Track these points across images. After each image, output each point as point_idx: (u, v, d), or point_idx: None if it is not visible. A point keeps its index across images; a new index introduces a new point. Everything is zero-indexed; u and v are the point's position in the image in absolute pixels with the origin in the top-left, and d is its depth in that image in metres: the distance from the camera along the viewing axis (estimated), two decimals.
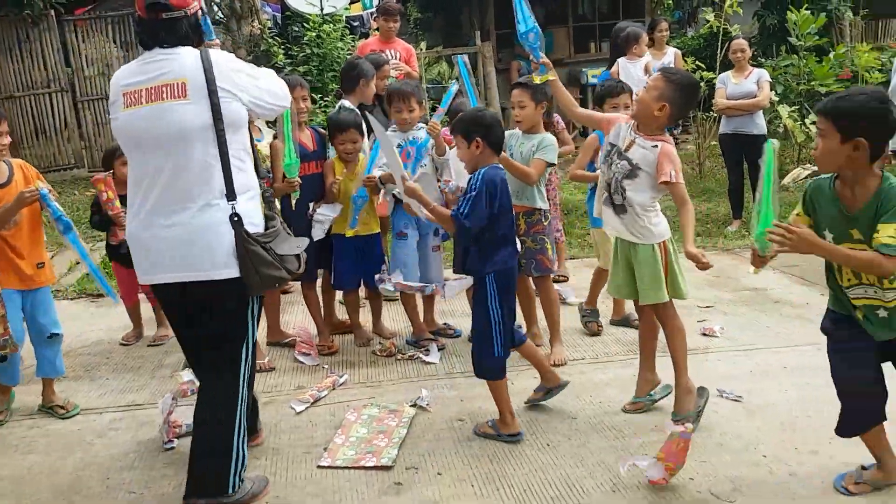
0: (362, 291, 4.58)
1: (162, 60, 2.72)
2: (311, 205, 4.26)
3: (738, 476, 2.90)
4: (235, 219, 2.72)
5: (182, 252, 2.71)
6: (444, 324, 4.68)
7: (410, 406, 3.58)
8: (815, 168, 8.99)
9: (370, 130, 4.42)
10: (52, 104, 9.30)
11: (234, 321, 2.83)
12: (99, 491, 3.04)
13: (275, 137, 4.14)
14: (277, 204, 3.58)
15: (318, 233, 4.19)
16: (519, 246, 3.43)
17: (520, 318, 3.71)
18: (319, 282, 4.57)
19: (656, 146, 3.20)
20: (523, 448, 3.20)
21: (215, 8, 9.19)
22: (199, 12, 2.83)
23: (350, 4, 10.64)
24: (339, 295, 4.75)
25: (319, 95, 8.07)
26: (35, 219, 3.65)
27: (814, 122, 8.40)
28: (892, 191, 2.45)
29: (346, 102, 4.60)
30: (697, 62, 9.15)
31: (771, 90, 6.96)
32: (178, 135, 2.68)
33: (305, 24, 9.01)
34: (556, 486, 2.90)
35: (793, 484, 2.84)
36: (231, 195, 2.72)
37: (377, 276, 4.15)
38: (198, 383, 3.04)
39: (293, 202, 4.09)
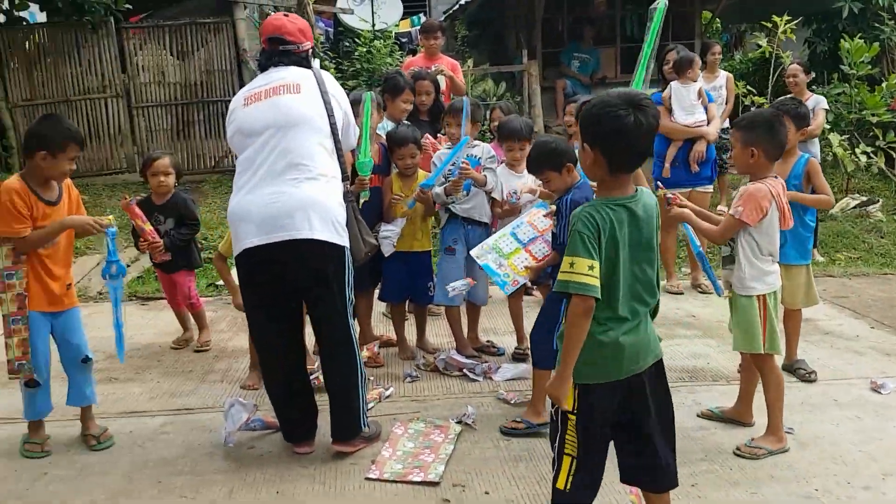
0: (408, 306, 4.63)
1: (280, 72, 3.32)
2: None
3: None
4: (351, 197, 3.38)
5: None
6: (488, 341, 4.69)
7: (456, 423, 3.59)
8: (864, 198, 8.79)
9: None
10: (107, 109, 9.50)
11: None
12: (151, 494, 3.09)
13: None
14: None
15: (387, 249, 4.24)
16: None
17: None
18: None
19: (745, 185, 3.33)
20: None
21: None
22: (311, 52, 3.41)
23: (399, 21, 10.78)
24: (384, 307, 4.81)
25: None
26: (70, 240, 3.49)
27: (864, 152, 8.33)
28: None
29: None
30: (748, 86, 9.09)
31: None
32: (291, 120, 3.18)
33: (357, 40, 9.15)
34: None
35: None
36: (345, 176, 3.33)
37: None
38: None
39: (360, 204, 4.01)
